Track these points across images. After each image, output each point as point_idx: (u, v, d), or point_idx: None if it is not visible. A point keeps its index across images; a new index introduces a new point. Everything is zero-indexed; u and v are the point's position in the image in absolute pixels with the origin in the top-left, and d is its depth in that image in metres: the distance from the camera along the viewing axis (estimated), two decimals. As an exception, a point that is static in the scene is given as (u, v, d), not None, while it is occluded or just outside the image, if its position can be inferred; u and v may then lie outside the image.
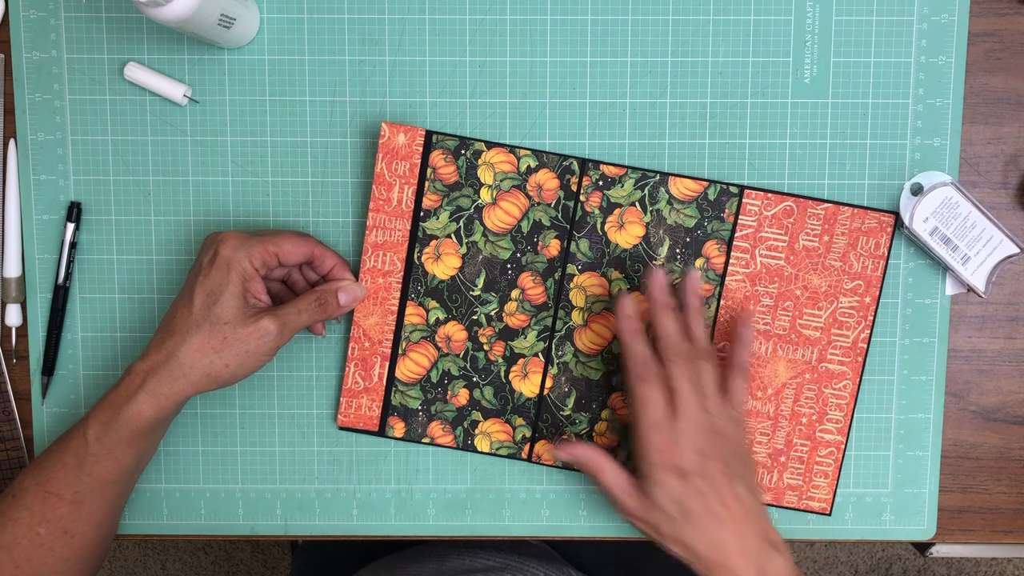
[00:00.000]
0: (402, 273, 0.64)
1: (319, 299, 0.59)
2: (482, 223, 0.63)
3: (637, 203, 0.63)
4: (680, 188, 0.63)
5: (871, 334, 0.63)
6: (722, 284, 0.63)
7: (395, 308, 0.64)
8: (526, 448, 0.65)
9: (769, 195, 0.63)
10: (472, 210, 0.63)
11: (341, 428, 0.65)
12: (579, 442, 0.61)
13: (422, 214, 0.63)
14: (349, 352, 0.64)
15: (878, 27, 0.62)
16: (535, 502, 0.65)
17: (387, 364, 0.64)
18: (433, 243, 0.63)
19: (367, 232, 0.63)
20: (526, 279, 0.64)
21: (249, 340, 0.56)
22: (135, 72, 0.62)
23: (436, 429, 0.65)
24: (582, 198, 0.63)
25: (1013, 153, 0.64)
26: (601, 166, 0.63)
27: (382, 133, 0.62)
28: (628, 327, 0.59)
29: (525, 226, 0.63)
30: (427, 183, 0.63)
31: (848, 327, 0.63)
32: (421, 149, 0.63)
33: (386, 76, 0.63)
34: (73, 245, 0.63)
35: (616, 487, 0.59)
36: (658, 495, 0.57)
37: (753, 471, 0.60)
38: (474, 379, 0.64)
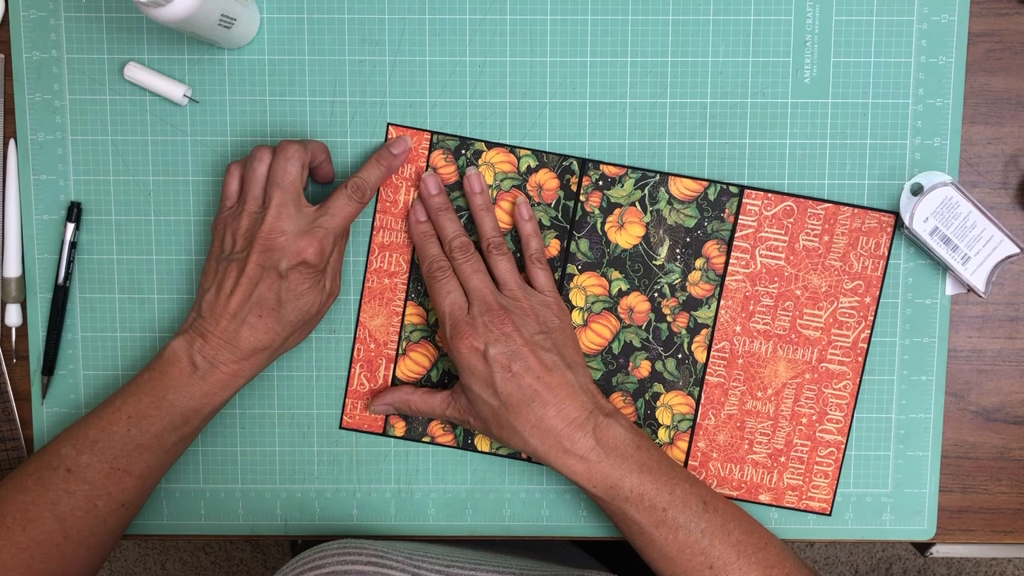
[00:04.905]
0: (407, 274, 0.64)
1: (355, 190, 0.59)
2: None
3: (637, 203, 0.63)
4: (680, 188, 0.63)
5: (871, 334, 0.63)
6: (722, 284, 0.63)
7: (400, 309, 0.64)
8: (526, 448, 0.65)
9: (769, 195, 0.63)
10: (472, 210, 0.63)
11: (344, 428, 0.65)
12: (388, 389, 0.63)
13: (422, 214, 0.63)
14: (355, 354, 0.64)
15: (878, 27, 0.62)
16: (535, 502, 0.65)
17: (391, 366, 0.65)
18: (433, 243, 0.63)
19: (374, 232, 0.63)
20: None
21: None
22: (135, 72, 0.62)
23: (436, 428, 0.65)
24: (582, 198, 0.63)
25: (1013, 153, 0.64)
26: (601, 166, 0.63)
27: (389, 136, 0.62)
28: (419, 231, 0.61)
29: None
30: (428, 169, 0.63)
31: (848, 327, 0.63)
32: (427, 152, 0.63)
33: (386, 76, 0.63)
34: (73, 245, 0.63)
35: (432, 406, 0.62)
36: (472, 384, 0.58)
37: (573, 345, 0.60)
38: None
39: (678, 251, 0.63)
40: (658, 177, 0.63)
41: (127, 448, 0.57)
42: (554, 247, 0.63)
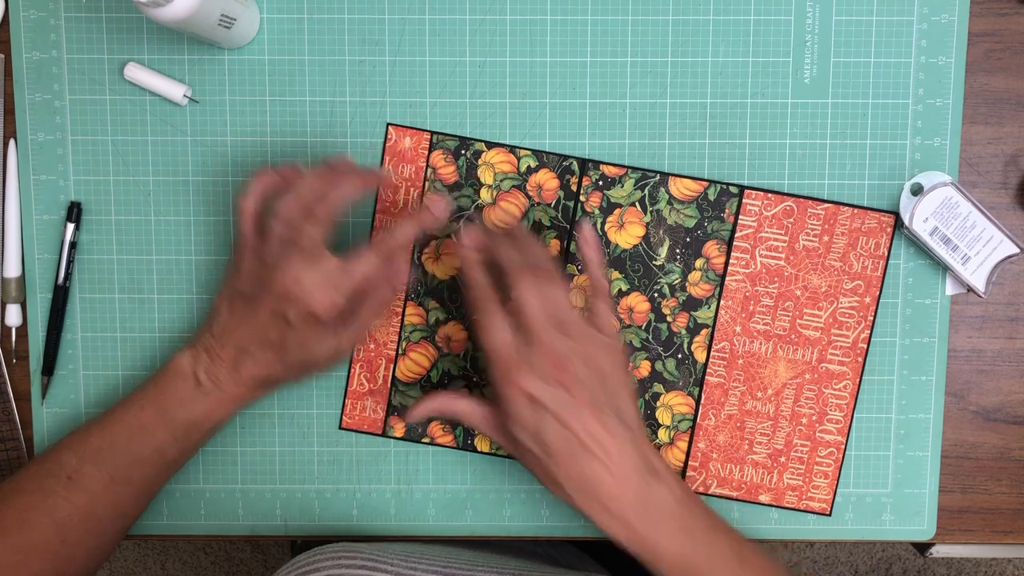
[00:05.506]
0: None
1: (379, 247, 0.57)
2: (482, 224, 0.63)
3: (637, 203, 0.63)
4: (680, 188, 0.63)
5: (871, 334, 0.63)
6: (722, 284, 0.63)
7: (400, 309, 0.64)
8: (526, 448, 0.65)
9: (769, 195, 0.63)
10: (472, 210, 0.63)
11: (344, 428, 0.65)
12: (428, 395, 0.58)
13: (422, 214, 0.63)
14: (355, 354, 0.64)
15: (878, 27, 0.62)
16: (535, 502, 0.65)
17: (391, 366, 0.65)
18: (433, 243, 0.64)
19: (373, 233, 0.63)
20: (526, 279, 0.63)
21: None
22: (135, 72, 0.62)
23: (436, 429, 0.65)
24: (582, 198, 0.63)
25: (1013, 153, 0.64)
26: (601, 166, 0.63)
27: (388, 136, 0.62)
28: (468, 257, 0.56)
29: (525, 226, 0.63)
30: (427, 183, 0.63)
31: (848, 327, 0.63)
32: (427, 152, 0.63)
33: (386, 76, 0.63)
34: (73, 245, 0.63)
35: (480, 421, 0.57)
36: (513, 426, 0.54)
37: (629, 397, 0.56)
38: (474, 379, 0.64)
39: (678, 251, 0.63)
40: (658, 177, 0.63)
41: (128, 459, 0.57)
42: (554, 247, 0.63)
